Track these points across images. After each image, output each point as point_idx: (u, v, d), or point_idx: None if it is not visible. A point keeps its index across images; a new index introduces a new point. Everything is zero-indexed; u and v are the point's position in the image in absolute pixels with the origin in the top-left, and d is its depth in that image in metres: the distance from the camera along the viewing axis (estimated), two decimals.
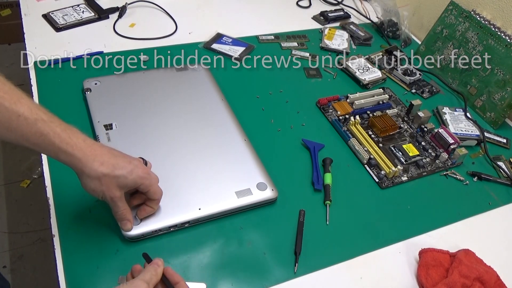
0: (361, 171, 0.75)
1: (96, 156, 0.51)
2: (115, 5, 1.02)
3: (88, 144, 0.51)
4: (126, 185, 0.53)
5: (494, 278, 0.60)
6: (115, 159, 0.52)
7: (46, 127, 0.48)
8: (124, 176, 0.52)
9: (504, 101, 0.87)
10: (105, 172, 0.51)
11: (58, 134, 0.49)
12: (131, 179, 0.52)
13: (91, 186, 0.51)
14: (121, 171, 0.52)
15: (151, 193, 0.56)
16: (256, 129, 0.78)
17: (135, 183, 0.53)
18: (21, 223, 1.42)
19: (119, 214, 0.55)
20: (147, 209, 0.58)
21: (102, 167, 0.51)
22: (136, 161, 0.55)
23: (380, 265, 0.62)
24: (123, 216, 0.55)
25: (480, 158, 0.82)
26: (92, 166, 0.50)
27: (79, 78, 0.79)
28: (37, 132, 0.48)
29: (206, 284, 0.56)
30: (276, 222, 0.65)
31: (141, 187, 0.55)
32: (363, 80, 0.92)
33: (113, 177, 0.51)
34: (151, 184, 0.55)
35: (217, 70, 0.88)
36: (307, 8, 1.17)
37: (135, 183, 0.53)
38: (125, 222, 0.56)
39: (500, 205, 0.74)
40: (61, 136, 0.49)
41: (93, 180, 0.51)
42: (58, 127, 0.49)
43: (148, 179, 0.55)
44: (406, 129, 0.83)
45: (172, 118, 0.74)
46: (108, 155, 0.52)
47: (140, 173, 0.53)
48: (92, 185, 0.51)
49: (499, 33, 0.88)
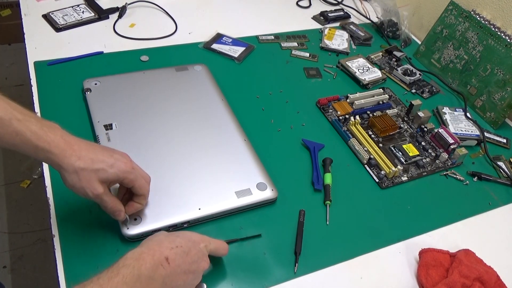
0: (361, 171, 0.75)
1: (74, 151, 0.50)
2: (115, 5, 1.02)
3: (66, 140, 0.50)
4: (107, 178, 0.51)
5: (494, 278, 0.60)
6: (94, 153, 0.51)
7: (22, 126, 0.47)
8: (104, 169, 0.50)
9: (504, 101, 0.87)
10: (83, 166, 0.49)
11: (35, 132, 0.48)
12: (111, 172, 0.51)
13: (70, 182, 0.50)
14: (100, 164, 0.50)
15: (136, 188, 0.55)
16: (256, 129, 0.78)
17: (117, 176, 0.52)
18: (21, 223, 1.42)
19: (108, 209, 0.54)
20: (134, 205, 0.57)
21: (80, 161, 0.49)
22: (118, 155, 0.53)
23: (380, 265, 0.62)
24: (114, 208, 0.54)
25: (480, 158, 0.82)
26: (69, 161, 0.49)
27: (79, 78, 0.79)
28: (13, 132, 0.47)
29: (206, 284, 0.56)
30: (276, 222, 0.65)
31: (125, 182, 0.53)
32: (363, 80, 0.92)
33: (91, 171, 0.50)
34: (135, 178, 0.54)
35: (217, 70, 0.88)
36: (307, 8, 1.17)
37: (117, 177, 0.52)
38: (118, 213, 0.55)
39: (500, 205, 0.74)
40: (38, 134, 0.48)
41: (71, 175, 0.49)
42: (35, 125, 0.48)
43: (132, 173, 0.53)
44: (406, 129, 0.83)
45: (172, 118, 0.74)
46: (86, 150, 0.51)
47: (122, 166, 0.52)
48: (71, 180, 0.50)
49: (499, 33, 0.88)
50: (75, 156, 0.50)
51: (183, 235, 0.51)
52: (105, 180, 0.51)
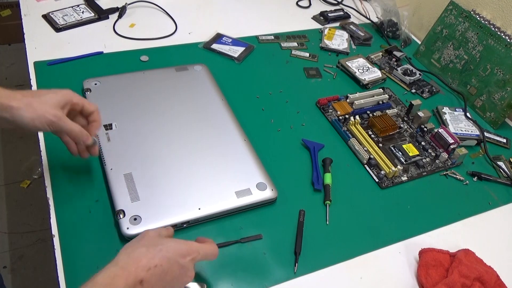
0: (361, 171, 0.75)
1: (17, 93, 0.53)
2: (115, 5, 1.02)
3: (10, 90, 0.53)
4: (58, 102, 0.54)
5: (494, 278, 0.60)
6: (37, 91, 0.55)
7: None
8: (51, 96, 0.54)
9: (504, 101, 0.87)
10: (31, 98, 0.53)
11: None
12: (60, 95, 0.55)
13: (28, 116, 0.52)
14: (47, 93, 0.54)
15: (86, 105, 0.58)
16: (256, 129, 0.78)
17: (65, 98, 0.55)
18: (21, 223, 1.42)
19: (75, 133, 0.55)
20: (93, 124, 0.59)
21: (26, 97, 0.52)
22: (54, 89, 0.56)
23: (380, 265, 0.62)
24: (79, 134, 0.56)
25: (480, 158, 0.82)
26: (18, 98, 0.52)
27: (79, 78, 0.79)
28: None
29: (206, 284, 0.56)
30: (276, 222, 0.65)
31: (74, 101, 0.56)
32: (363, 80, 0.92)
33: (42, 100, 0.53)
34: (80, 97, 0.57)
35: (217, 70, 0.88)
36: (307, 8, 1.17)
37: (65, 99, 0.55)
38: (86, 137, 0.57)
39: (500, 205, 0.74)
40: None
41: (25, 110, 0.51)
42: None
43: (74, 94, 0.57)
44: (406, 129, 0.83)
45: (172, 118, 0.74)
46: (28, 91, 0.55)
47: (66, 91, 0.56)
48: (29, 115, 0.52)
49: (499, 33, 0.88)
50: (20, 94, 0.53)
51: (167, 248, 0.47)
52: (57, 104, 0.54)
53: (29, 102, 0.52)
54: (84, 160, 0.67)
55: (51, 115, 0.53)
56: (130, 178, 0.63)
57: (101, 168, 0.66)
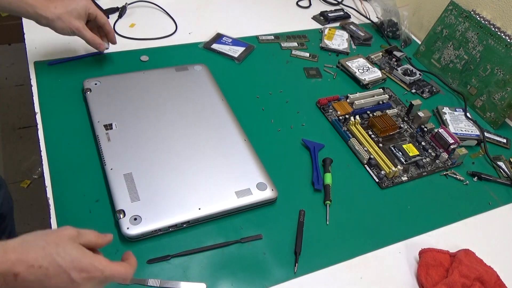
0: (361, 171, 0.75)
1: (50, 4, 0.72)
2: (115, 5, 1.02)
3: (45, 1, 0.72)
4: (79, 14, 0.75)
5: (494, 278, 0.60)
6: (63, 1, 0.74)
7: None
8: (75, 8, 0.74)
9: (504, 101, 0.87)
10: (61, 11, 0.73)
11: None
12: (81, 6, 0.75)
13: (59, 26, 0.74)
14: (72, 5, 0.74)
15: (99, 17, 0.78)
16: (256, 129, 0.78)
17: (85, 9, 0.75)
18: (21, 223, 1.42)
19: (91, 40, 0.78)
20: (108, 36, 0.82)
21: (57, 9, 0.73)
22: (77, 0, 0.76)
23: (380, 265, 0.62)
24: (94, 40, 0.78)
25: (480, 158, 0.82)
26: (51, 10, 0.72)
27: (79, 78, 0.80)
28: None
29: (206, 284, 0.56)
30: (276, 222, 0.65)
31: (90, 11, 0.76)
32: (363, 80, 0.92)
33: (68, 13, 0.73)
34: (95, 8, 0.77)
35: (217, 70, 0.88)
36: (307, 8, 1.17)
37: (84, 10, 0.75)
38: (99, 45, 0.79)
39: (500, 205, 0.74)
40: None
41: (56, 21, 0.73)
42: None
43: (91, 4, 0.77)
44: (406, 129, 0.83)
45: (172, 118, 0.74)
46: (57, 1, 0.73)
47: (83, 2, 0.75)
48: (59, 26, 0.73)
49: (499, 33, 0.88)
50: (53, 7, 0.72)
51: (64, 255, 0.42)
52: (78, 16, 0.75)
53: (59, 14, 0.73)
54: (84, 160, 0.68)
55: (75, 27, 0.75)
56: (130, 178, 0.63)
57: (101, 168, 0.66)
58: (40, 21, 0.73)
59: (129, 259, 0.49)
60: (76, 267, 0.43)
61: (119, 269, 0.46)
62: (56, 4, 0.72)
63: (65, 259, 0.42)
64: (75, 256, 0.43)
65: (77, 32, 0.75)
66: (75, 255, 0.43)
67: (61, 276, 0.42)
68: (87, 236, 0.47)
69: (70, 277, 0.42)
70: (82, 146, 0.70)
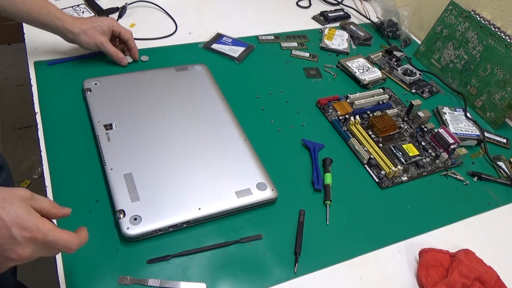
0: (361, 171, 0.75)
1: (77, 21, 0.79)
2: (115, 5, 1.02)
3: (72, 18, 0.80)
4: (103, 30, 0.81)
5: (494, 278, 0.60)
6: (89, 19, 0.81)
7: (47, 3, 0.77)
8: (99, 25, 0.80)
9: (504, 101, 0.87)
10: (86, 26, 0.79)
11: (53, 7, 0.78)
12: (105, 24, 0.81)
13: (84, 40, 0.79)
14: (96, 22, 0.81)
15: (123, 33, 0.84)
16: (256, 129, 0.78)
17: (109, 26, 0.82)
18: None
19: (114, 55, 0.83)
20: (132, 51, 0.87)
21: (83, 25, 0.79)
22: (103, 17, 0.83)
23: (380, 265, 0.62)
24: (117, 55, 0.84)
25: (480, 158, 0.82)
26: (78, 26, 0.78)
27: (79, 78, 0.80)
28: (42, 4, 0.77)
29: (206, 284, 0.56)
30: (276, 222, 0.65)
31: (114, 29, 0.83)
32: (363, 80, 0.92)
33: (93, 28, 0.80)
34: (119, 26, 0.84)
35: (217, 70, 0.88)
36: (307, 8, 1.17)
37: (108, 27, 0.81)
38: (121, 59, 0.84)
39: (500, 205, 0.74)
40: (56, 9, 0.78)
41: (81, 35, 0.79)
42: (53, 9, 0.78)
43: (115, 22, 0.83)
44: (406, 129, 0.83)
45: (172, 118, 0.74)
46: (84, 19, 0.81)
47: (108, 20, 0.82)
48: (84, 40, 0.79)
49: (499, 33, 0.88)
50: (79, 23, 0.79)
51: (9, 210, 0.42)
52: (102, 32, 0.81)
53: (85, 29, 0.79)
54: (84, 160, 0.68)
55: (99, 42, 0.80)
56: (130, 178, 0.63)
57: (101, 168, 0.66)
58: (67, 35, 0.79)
59: (80, 231, 0.48)
60: (19, 224, 0.42)
61: (63, 236, 0.44)
62: (83, 21, 0.80)
63: (9, 214, 0.41)
64: (20, 213, 0.42)
65: (101, 46, 0.81)
66: (20, 212, 0.42)
67: (1, 230, 0.41)
68: (41, 202, 0.46)
69: (11, 233, 0.41)
70: (82, 146, 0.70)
